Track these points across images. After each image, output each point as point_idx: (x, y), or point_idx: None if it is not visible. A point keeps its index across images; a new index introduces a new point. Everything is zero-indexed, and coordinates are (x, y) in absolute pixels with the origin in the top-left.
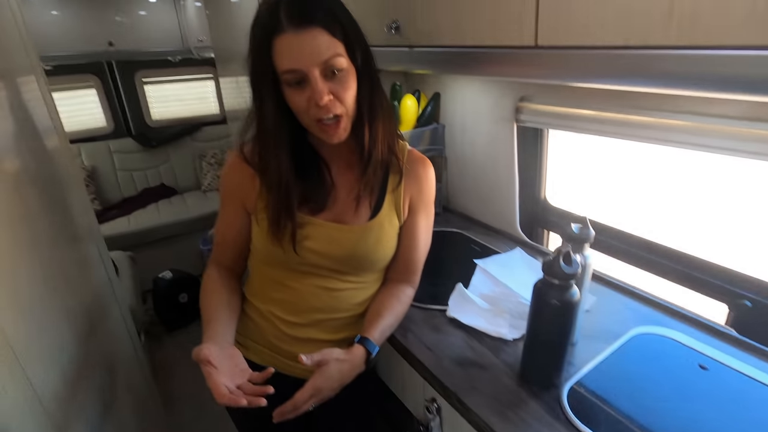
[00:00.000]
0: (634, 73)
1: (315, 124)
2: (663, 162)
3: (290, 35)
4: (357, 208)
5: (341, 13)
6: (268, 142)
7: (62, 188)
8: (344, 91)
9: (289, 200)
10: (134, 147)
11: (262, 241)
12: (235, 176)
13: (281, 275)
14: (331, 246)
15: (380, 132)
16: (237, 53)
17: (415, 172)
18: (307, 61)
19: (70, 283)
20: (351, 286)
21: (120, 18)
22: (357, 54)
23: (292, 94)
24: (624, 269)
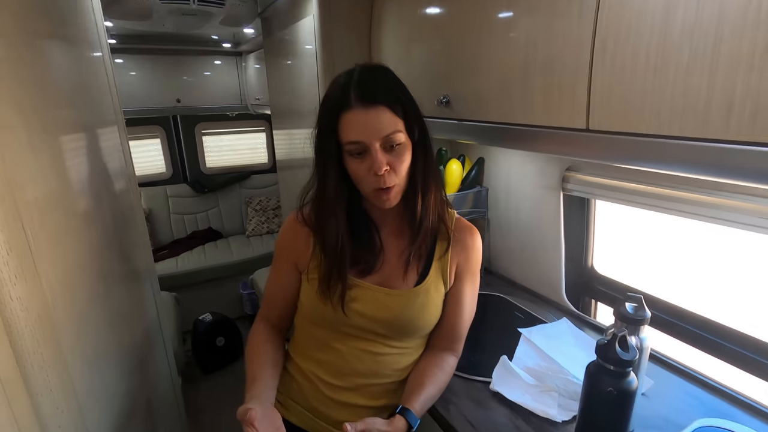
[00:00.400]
0: (689, 162)
1: (371, 191)
2: (724, 237)
3: (357, 112)
4: (405, 273)
5: (402, 94)
6: (327, 204)
7: (126, 228)
8: (400, 163)
9: (343, 260)
10: (188, 192)
11: (311, 299)
12: (291, 235)
13: (326, 335)
14: (377, 309)
15: (432, 202)
16: (291, 109)
17: (463, 241)
18: (371, 135)
19: (125, 321)
20: (394, 351)
21: (187, 78)
22: (414, 129)
23: (352, 163)
24: (685, 349)
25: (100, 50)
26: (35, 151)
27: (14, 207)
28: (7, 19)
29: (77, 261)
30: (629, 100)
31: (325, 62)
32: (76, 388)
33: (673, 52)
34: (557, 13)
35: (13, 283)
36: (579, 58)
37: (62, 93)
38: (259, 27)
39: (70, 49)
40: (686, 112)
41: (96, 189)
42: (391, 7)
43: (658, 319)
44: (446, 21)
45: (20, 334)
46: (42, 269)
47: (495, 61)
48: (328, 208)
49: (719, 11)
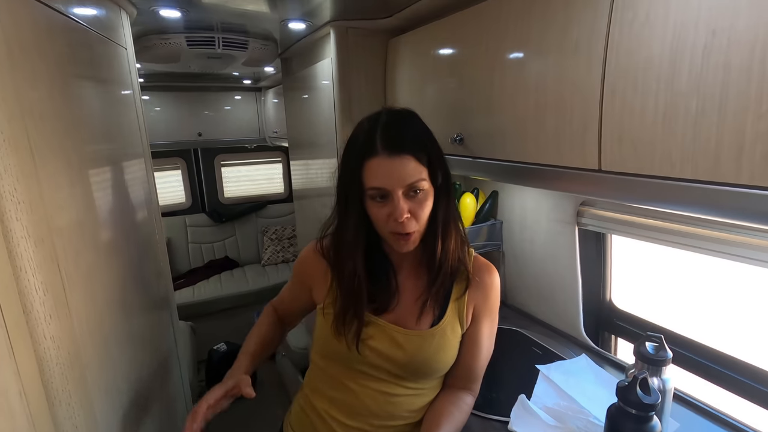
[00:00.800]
0: (701, 204)
1: (390, 235)
2: (747, 274)
3: (382, 159)
4: (421, 314)
5: (428, 141)
6: (346, 244)
7: (149, 258)
8: (421, 210)
9: (360, 299)
10: (206, 222)
11: (326, 334)
12: (310, 264)
13: (340, 373)
14: (392, 348)
15: (451, 246)
16: (307, 141)
17: (481, 281)
18: (395, 183)
19: (145, 351)
20: (409, 392)
21: (209, 112)
22: (438, 175)
23: (374, 207)
24: (711, 389)
25: (131, 89)
26: (71, 189)
27: (52, 248)
28: (51, 66)
29: (104, 296)
30: (640, 143)
31: (342, 99)
32: (99, 423)
33: (681, 98)
34: (566, 58)
35: (48, 323)
36: (588, 102)
37: (96, 130)
38: (279, 66)
39: (104, 89)
40: (697, 155)
41: (123, 222)
42: (405, 49)
43: (682, 357)
44: (459, 61)
45: (51, 373)
46: (73, 307)
47: (507, 100)
48: (347, 248)
49: (725, 59)
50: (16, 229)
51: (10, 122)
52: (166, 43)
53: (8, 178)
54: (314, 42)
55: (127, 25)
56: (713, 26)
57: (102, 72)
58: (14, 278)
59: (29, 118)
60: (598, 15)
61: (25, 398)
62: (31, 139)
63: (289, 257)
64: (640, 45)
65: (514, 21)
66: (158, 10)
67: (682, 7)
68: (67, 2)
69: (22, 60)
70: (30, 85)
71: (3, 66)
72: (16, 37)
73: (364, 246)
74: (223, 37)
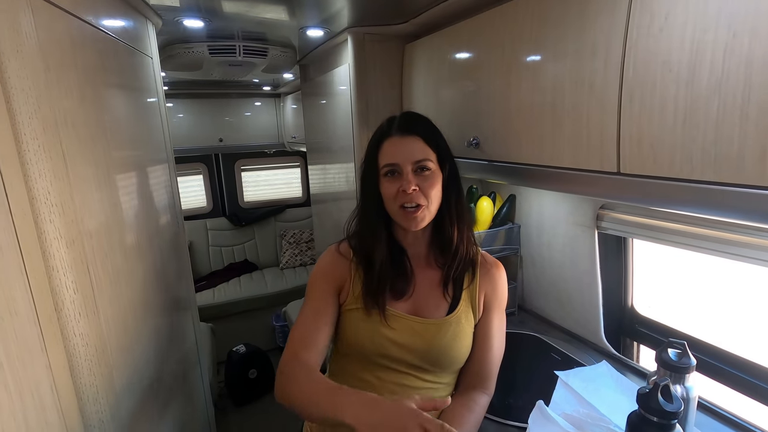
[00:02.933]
0: (724, 207)
1: (399, 210)
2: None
3: (395, 139)
4: (437, 303)
5: (438, 136)
6: (370, 221)
7: (172, 260)
8: (429, 187)
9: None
10: (226, 225)
11: (351, 328)
12: (332, 262)
13: (360, 369)
14: (411, 338)
15: (466, 232)
16: (325, 146)
17: (489, 272)
18: (404, 158)
19: (167, 351)
20: (427, 385)
21: (229, 118)
22: (446, 166)
23: (385, 184)
24: (737, 398)
25: (156, 96)
26: (100, 193)
27: (82, 249)
28: (82, 75)
29: (130, 296)
30: (660, 146)
31: (359, 104)
32: (123, 419)
33: (701, 101)
34: (584, 62)
35: (77, 320)
36: (606, 105)
37: (123, 136)
38: (298, 72)
39: (131, 97)
40: (719, 158)
41: (148, 225)
42: (421, 54)
43: (707, 365)
44: (475, 65)
45: (80, 369)
46: (101, 306)
47: (523, 104)
48: (371, 227)
49: (747, 60)
50: (50, 230)
51: (45, 130)
52: (190, 52)
53: (42, 182)
54: (332, 48)
55: (153, 35)
56: (734, 27)
57: (129, 80)
58: (47, 277)
59: (62, 126)
60: (616, 18)
61: (56, 392)
62: (64, 146)
63: (307, 261)
64: (659, 48)
65: (530, 25)
66: (182, 21)
67: (702, 9)
68: (97, 15)
69: (57, 72)
70: (63, 95)
71: (40, 79)
72: (52, 51)
73: (385, 223)
74: (244, 45)
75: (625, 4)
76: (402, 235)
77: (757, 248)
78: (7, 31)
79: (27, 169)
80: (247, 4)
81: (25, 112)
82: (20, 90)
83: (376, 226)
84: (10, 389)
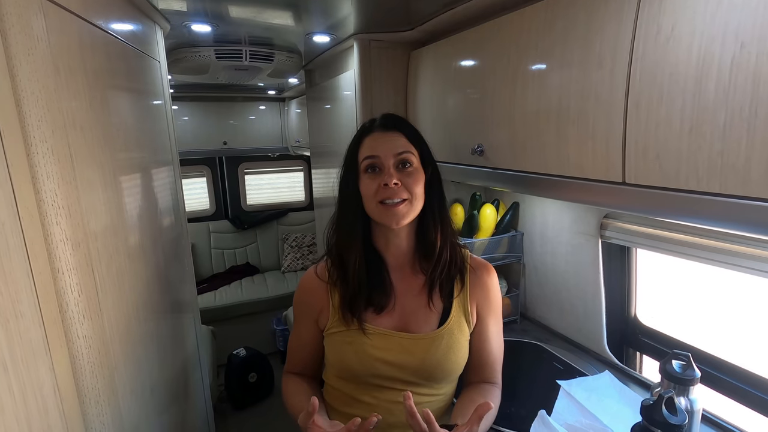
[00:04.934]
0: (730, 219)
1: (379, 206)
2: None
3: (377, 134)
4: (426, 315)
5: (421, 138)
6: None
7: (175, 263)
8: (412, 183)
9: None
10: (229, 228)
11: (337, 353)
12: (310, 289)
13: (355, 390)
14: (401, 355)
15: (449, 231)
16: (329, 150)
17: (480, 279)
18: (386, 151)
19: (168, 353)
20: (425, 399)
21: (234, 121)
22: (428, 168)
23: (365, 180)
24: (742, 411)
25: (162, 99)
26: (105, 195)
27: (87, 252)
28: (91, 78)
29: (133, 298)
30: (665, 156)
31: (364, 109)
32: (125, 422)
33: (707, 113)
34: (590, 71)
35: (81, 323)
36: (612, 115)
37: (129, 139)
38: (303, 77)
39: (138, 99)
40: (725, 170)
41: (152, 227)
42: (427, 61)
43: (712, 377)
44: (480, 73)
45: (83, 371)
46: (104, 308)
47: (528, 112)
48: (347, 227)
49: (754, 71)
50: (56, 232)
51: (54, 133)
52: (197, 56)
53: (50, 184)
54: (338, 54)
55: (161, 39)
56: (741, 38)
57: (137, 84)
58: (52, 279)
59: (71, 128)
60: (623, 28)
61: (59, 395)
62: (72, 148)
63: (308, 264)
64: (666, 58)
65: (536, 34)
66: (190, 25)
67: (709, 19)
68: (107, 19)
69: (67, 75)
70: (72, 97)
71: (50, 82)
72: (62, 55)
73: (362, 229)
74: (250, 49)
75: (632, 15)
76: (382, 242)
77: (762, 260)
78: (19, 35)
79: (35, 172)
80: (255, 10)
81: (35, 114)
82: (30, 93)
83: (353, 227)
84: (14, 391)
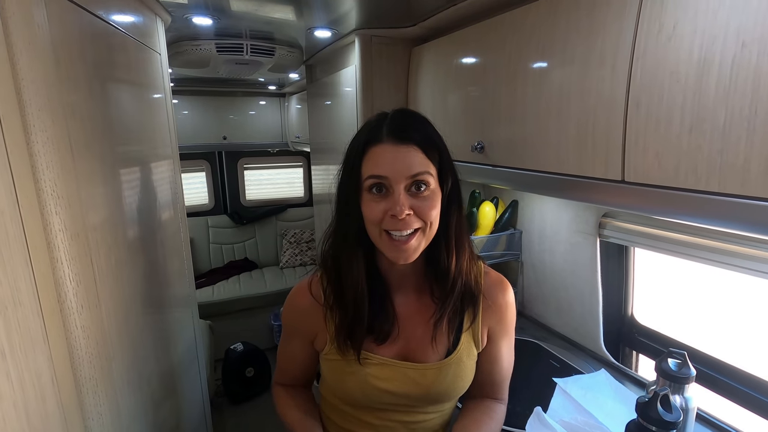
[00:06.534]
0: (729, 218)
1: (384, 239)
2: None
3: (387, 146)
4: (433, 344)
5: (440, 142)
6: (347, 244)
7: (174, 256)
8: (428, 209)
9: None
10: (227, 223)
11: (336, 379)
12: (304, 307)
13: (355, 410)
14: (406, 386)
15: (465, 261)
16: (329, 146)
17: (494, 300)
18: (398, 172)
19: (166, 346)
20: (428, 417)
21: (234, 116)
22: (447, 181)
23: (369, 202)
24: (735, 410)
25: (162, 92)
26: (105, 187)
27: (86, 242)
28: (91, 69)
29: (131, 290)
30: (665, 155)
31: (365, 105)
32: (121, 412)
33: (707, 112)
34: (591, 69)
35: (79, 313)
36: (612, 113)
37: (129, 131)
38: (303, 72)
39: (138, 92)
40: (724, 169)
41: (151, 220)
42: (428, 57)
43: (706, 376)
44: (481, 70)
45: (81, 361)
46: (103, 299)
47: (529, 110)
48: (346, 253)
49: (755, 71)
50: (55, 222)
51: (53, 122)
52: (198, 49)
53: (50, 174)
54: (339, 49)
55: (162, 31)
56: (743, 38)
57: (137, 76)
58: (51, 269)
59: (71, 118)
60: (624, 27)
61: (57, 383)
62: (72, 139)
63: (307, 260)
64: (667, 57)
65: (538, 31)
66: (191, 18)
67: (711, 18)
68: (108, 10)
69: (68, 65)
70: (73, 88)
71: (51, 72)
72: (63, 45)
73: (364, 249)
74: (251, 43)
75: (633, 13)
76: (386, 265)
77: (760, 260)
78: (20, 24)
79: (35, 161)
80: (256, 4)
81: (35, 104)
82: (31, 82)
83: (353, 254)
84: (12, 379)
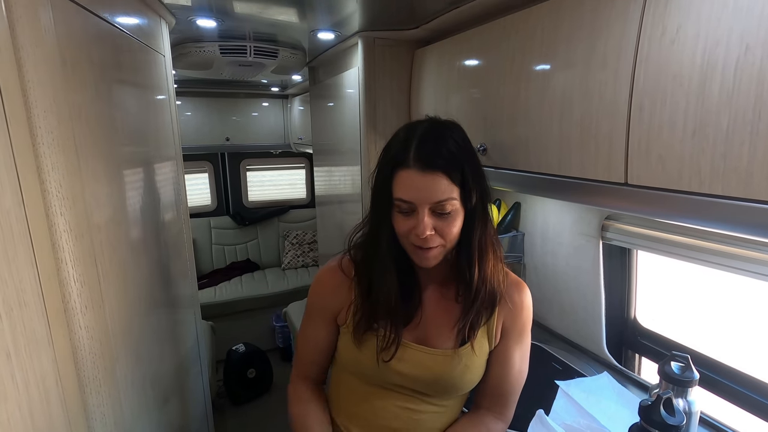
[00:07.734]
0: (732, 221)
1: (411, 247)
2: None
3: (413, 172)
4: (448, 331)
5: (466, 160)
6: (380, 253)
7: (176, 257)
8: (448, 228)
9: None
10: (230, 224)
11: (352, 351)
12: (333, 283)
13: (363, 388)
14: (418, 369)
15: (489, 270)
16: (332, 148)
17: (511, 298)
18: (421, 198)
19: (169, 347)
20: (433, 409)
21: (237, 118)
22: (472, 196)
23: (398, 218)
24: (740, 415)
25: (166, 94)
26: (109, 187)
27: (90, 243)
28: (97, 71)
29: (134, 291)
30: (668, 158)
31: (368, 107)
32: (124, 412)
33: (711, 116)
34: (594, 72)
35: (83, 313)
36: (615, 116)
37: (133, 132)
38: (306, 74)
39: (142, 93)
40: (728, 172)
41: (154, 221)
42: (431, 59)
43: (710, 380)
44: (484, 72)
45: (84, 362)
46: (107, 300)
47: (532, 112)
48: (382, 261)
49: (759, 74)
50: (60, 223)
51: (60, 124)
52: (201, 51)
53: (55, 175)
54: (342, 51)
55: (166, 33)
56: (747, 41)
57: (141, 77)
58: (56, 269)
59: (76, 120)
60: (627, 29)
61: (61, 385)
62: (77, 140)
63: (309, 262)
64: (670, 60)
65: (541, 34)
66: (195, 20)
67: (714, 21)
68: (113, 12)
69: (73, 67)
70: (78, 89)
71: (57, 73)
72: (69, 46)
73: (396, 258)
74: (255, 45)
75: (637, 16)
76: None
77: (763, 263)
78: (27, 26)
79: (40, 162)
80: (259, 6)
81: (41, 105)
82: (37, 83)
83: (386, 257)
84: (17, 380)
